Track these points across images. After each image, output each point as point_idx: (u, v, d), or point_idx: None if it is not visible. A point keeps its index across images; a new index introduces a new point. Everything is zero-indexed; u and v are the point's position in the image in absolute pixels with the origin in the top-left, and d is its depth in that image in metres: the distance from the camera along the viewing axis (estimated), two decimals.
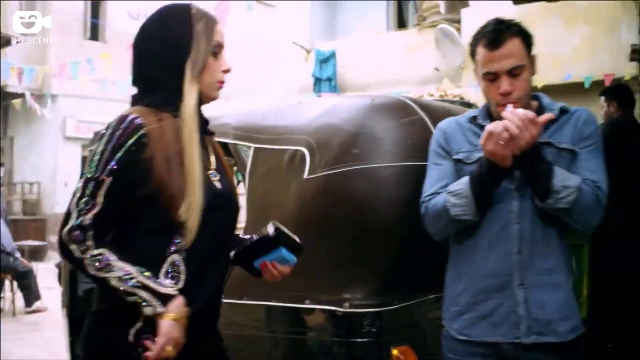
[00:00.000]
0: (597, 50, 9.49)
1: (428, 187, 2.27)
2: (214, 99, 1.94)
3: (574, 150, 2.16)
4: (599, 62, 9.37)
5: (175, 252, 1.82)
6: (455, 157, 2.26)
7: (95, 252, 1.74)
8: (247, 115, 3.04)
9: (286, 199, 2.68)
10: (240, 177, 4.03)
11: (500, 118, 2.07)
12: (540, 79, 10.15)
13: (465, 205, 2.13)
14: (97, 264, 1.74)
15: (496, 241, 2.16)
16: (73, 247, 1.74)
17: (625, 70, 8.94)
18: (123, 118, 1.77)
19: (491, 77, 2.16)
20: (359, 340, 2.55)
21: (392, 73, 11.85)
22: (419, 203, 2.28)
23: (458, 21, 11.16)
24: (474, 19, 9.48)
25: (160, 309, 1.73)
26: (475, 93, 7.92)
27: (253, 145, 2.85)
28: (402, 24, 14.31)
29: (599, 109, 5.02)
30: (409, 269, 2.53)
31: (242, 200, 2.48)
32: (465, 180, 2.16)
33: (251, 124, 2.94)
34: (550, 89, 9.27)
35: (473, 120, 2.29)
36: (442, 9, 11.79)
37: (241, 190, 2.98)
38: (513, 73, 2.14)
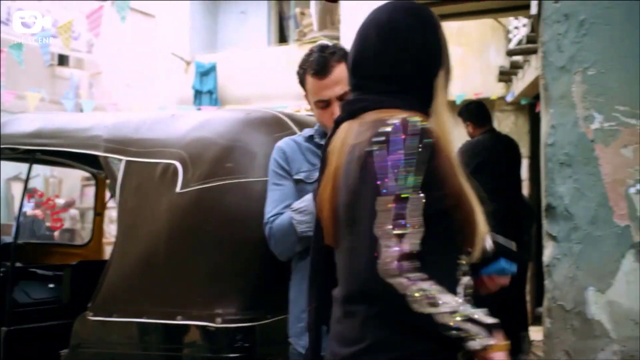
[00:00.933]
0: (468, 70, 9.90)
1: (270, 208, 2.28)
2: None
3: None
4: (470, 81, 9.78)
5: (463, 273, 1.59)
6: (296, 177, 2.28)
7: (425, 284, 1.44)
8: (119, 127, 2.97)
9: (158, 213, 2.63)
10: (110, 191, 3.94)
11: None
12: None
13: (310, 222, 2.16)
14: (425, 299, 1.44)
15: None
16: (400, 280, 1.42)
17: (494, 90, 9.39)
18: (414, 127, 1.48)
19: (323, 105, 2.21)
20: (232, 355, 2.54)
21: (273, 87, 11.89)
22: (263, 224, 2.27)
23: (337, 38, 11.37)
24: (351, 36, 9.69)
25: (489, 342, 1.47)
26: None
27: (124, 158, 2.79)
28: (283, 38, 14.43)
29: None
30: (281, 283, 2.54)
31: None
32: (308, 197, 2.19)
33: (123, 136, 2.87)
34: None
35: (310, 139, 2.32)
36: (315, 26, 11.99)
37: (112, 204, 2.91)
38: (343, 98, 2.16)
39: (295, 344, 2.28)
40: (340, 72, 2.17)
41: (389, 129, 1.46)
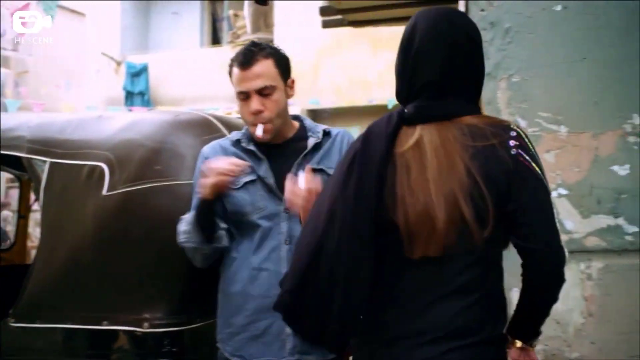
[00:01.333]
0: None
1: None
2: None
3: None
4: None
5: None
6: None
7: None
8: (43, 127, 2.88)
9: (83, 217, 2.57)
10: (35, 193, 3.83)
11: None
12: (347, 101, 10.56)
13: (189, 232, 2.18)
14: None
15: (266, 262, 2.20)
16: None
17: None
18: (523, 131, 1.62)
19: (243, 97, 2.21)
20: None
21: (206, 89, 11.81)
22: None
23: (271, 40, 11.38)
24: (286, 38, 9.72)
25: None
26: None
27: (49, 160, 2.71)
28: (216, 40, 14.34)
29: None
30: (209, 287, 2.51)
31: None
32: (194, 206, 2.20)
33: (47, 137, 2.79)
34: (356, 110, 9.73)
35: (237, 143, 2.29)
36: (249, 28, 11.97)
37: (36, 207, 2.83)
38: (264, 93, 2.18)
39: (223, 349, 2.26)
40: (265, 67, 2.18)
41: (514, 133, 1.58)
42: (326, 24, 5.94)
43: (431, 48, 1.62)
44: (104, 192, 2.53)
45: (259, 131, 2.18)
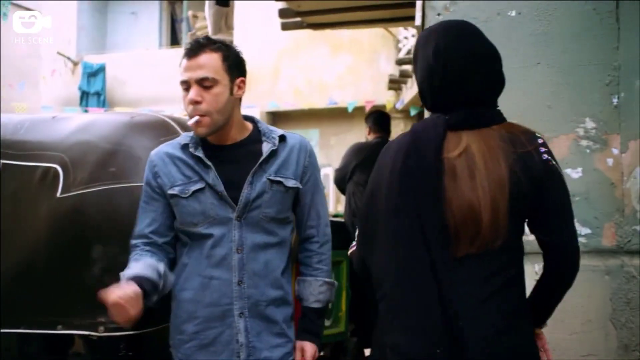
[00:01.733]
0: (359, 78, 10.12)
1: (136, 229, 2.24)
2: None
3: (299, 187, 2.25)
4: (361, 89, 10.00)
5: None
6: (170, 191, 2.19)
7: None
8: None
9: (37, 219, 2.53)
10: None
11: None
12: (307, 103, 10.58)
13: None
14: None
15: (217, 270, 2.16)
16: None
17: (385, 98, 9.63)
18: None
19: (185, 87, 2.16)
20: None
21: (164, 90, 11.69)
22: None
23: (231, 42, 11.32)
24: (246, 40, 9.69)
25: None
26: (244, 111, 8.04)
27: (1, 161, 2.66)
28: (175, 41, 14.22)
29: (364, 132, 5.59)
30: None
31: None
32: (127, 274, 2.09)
33: None
34: (316, 113, 9.75)
35: (185, 148, 2.22)
36: (210, 29, 11.92)
37: None
38: (204, 85, 2.12)
39: (174, 355, 2.23)
40: (209, 59, 2.14)
41: (541, 140, 1.76)
42: (285, 27, 5.95)
43: (467, 63, 1.77)
44: (58, 194, 2.49)
45: (191, 122, 2.13)
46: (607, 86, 2.79)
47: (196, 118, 2.12)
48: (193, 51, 2.15)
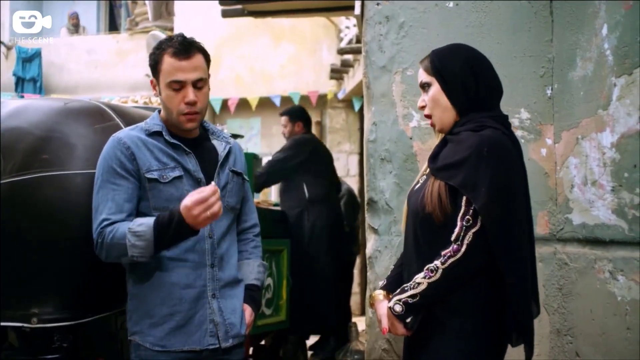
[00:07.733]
0: (301, 67, 10.09)
1: (104, 211, 2.17)
2: None
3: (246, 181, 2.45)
4: (303, 79, 9.97)
5: None
6: (148, 175, 2.19)
7: None
8: None
9: None
10: None
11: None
12: (248, 92, 10.45)
13: (144, 249, 2.11)
14: None
15: (191, 254, 2.22)
16: None
17: (327, 87, 9.64)
18: None
19: (177, 87, 2.20)
20: (50, 357, 2.43)
21: (102, 77, 11.45)
22: (93, 227, 2.18)
23: (171, 29, 11.15)
24: (185, 27, 9.55)
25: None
26: None
27: None
28: (113, 26, 13.93)
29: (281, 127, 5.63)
30: (103, 280, 2.44)
31: None
32: (149, 222, 2.11)
33: None
34: (257, 102, 9.70)
35: (157, 135, 2.25)
36: (150, 15, 11.71)
37: None
38: (197, 85, 2.21)
39: (143, 340, 2.20)
40: (200, 60, 2.23)
41: None
42: (226, 14, 5.89)
43: (493, 74, 2.04)
44: None
45: (189, 122, 2.23)
46: (541, 78, 2.85)
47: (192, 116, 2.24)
48: (186, 52, 2.20)
